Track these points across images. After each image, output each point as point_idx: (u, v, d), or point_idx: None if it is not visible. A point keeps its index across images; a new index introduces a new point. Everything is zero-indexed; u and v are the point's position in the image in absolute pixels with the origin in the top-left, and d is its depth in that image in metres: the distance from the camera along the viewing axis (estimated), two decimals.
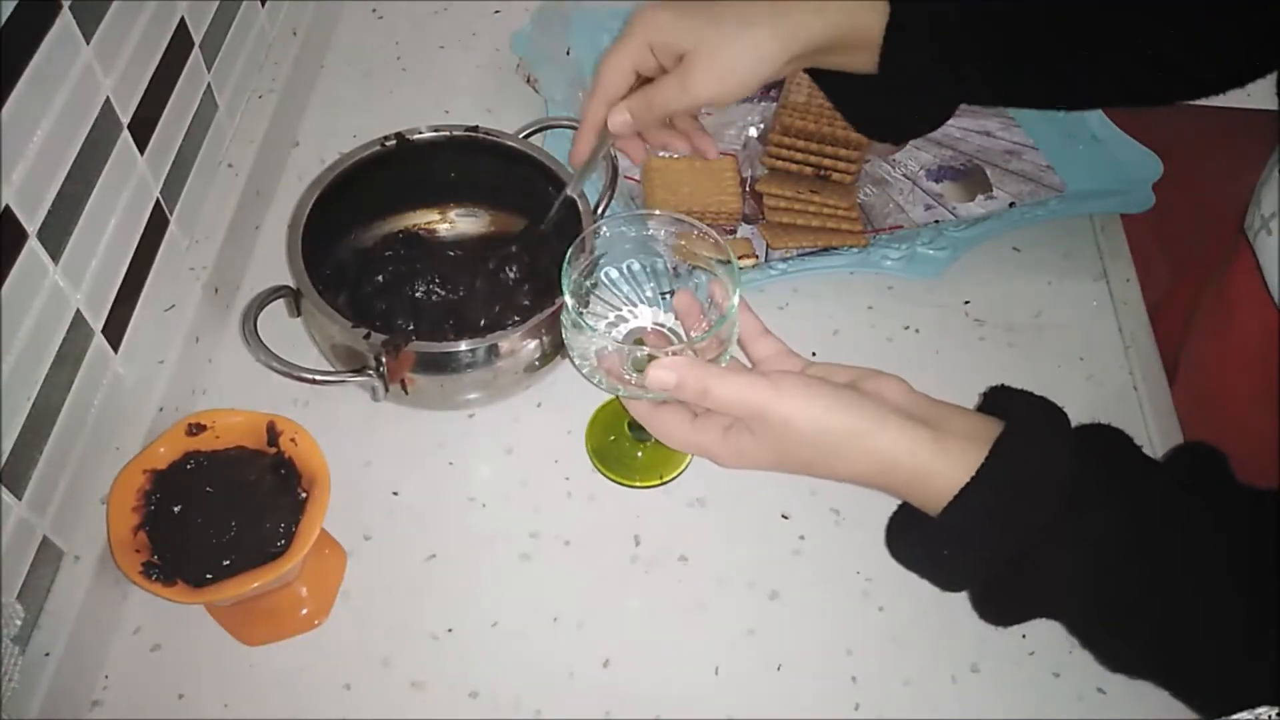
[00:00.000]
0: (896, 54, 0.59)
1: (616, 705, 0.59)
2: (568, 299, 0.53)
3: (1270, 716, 0.40)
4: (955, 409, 0.52)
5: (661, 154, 0.65)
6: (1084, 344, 0.75)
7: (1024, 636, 0.61)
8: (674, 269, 0.59)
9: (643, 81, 0.62)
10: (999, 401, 0.53)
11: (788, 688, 0.60)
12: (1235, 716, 0.40)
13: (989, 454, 0.48)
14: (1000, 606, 0.52)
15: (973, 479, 0.48)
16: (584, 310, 0.54)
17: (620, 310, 0.60)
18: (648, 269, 0.60)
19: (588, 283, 0.58)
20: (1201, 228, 0.92)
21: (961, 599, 0.55)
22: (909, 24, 0.58)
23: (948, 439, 0.49)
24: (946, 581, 0.53)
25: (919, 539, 0.51)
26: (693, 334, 0.58)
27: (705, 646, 0.61)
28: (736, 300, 0.53)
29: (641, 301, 0.60)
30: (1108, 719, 0.59)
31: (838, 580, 0.64)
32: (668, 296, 0.60)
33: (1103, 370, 0.74)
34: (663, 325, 0.59)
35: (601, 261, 0.58)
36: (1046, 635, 0.59)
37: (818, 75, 0.67)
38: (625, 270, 0.59)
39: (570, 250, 0.55)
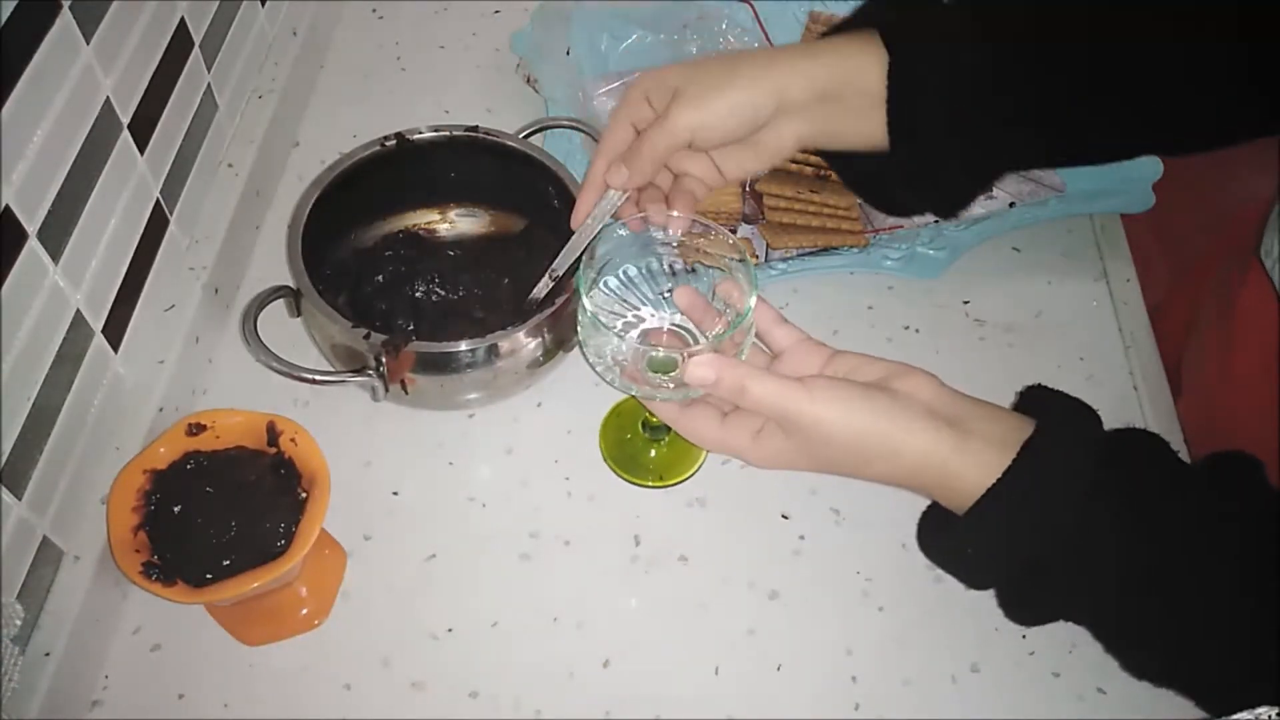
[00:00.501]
0: (902, 92, 0.56)
1: (616, 705, 0.59)
2: (585, 302, 0.53)
3: (1270, 716, 0.40)
4: (986, 408, 0.52)
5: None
6: (1084, 344, 0.75)
7: (1024, 637, 0.61)
8: (671, 267, 0.60)
9: None
10: (1035, 401, 0.53)
11: (788, 688, 0.60)
12: (1235, 717, 0.40)
13: (1014, 459, 0.48)
14: (1022, 607, 0.53)
15: (995, 484, 0.48)
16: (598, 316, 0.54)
17: (626, 316, 0.60)
18: (644, 270, 0.60)
19: (596, 288, 0.58)
20: (1201, 228, 0.91)
21: (961, 599, 0.56)
22: (912, 64, 0.56)
23: (972, 442, 0.49)
24: (970, 580, 0.54)
25: (945, 539, 0.52)
26: (708, 332, 0.58)
27: (705, 646, 0.61)
28: (754, 301, 0.53)
29: (646, 303, 0.60)
30: (1108, 719, 0.59)
31: (838, 580, 0.64)
32: (668, 295, 0.60)
33: (1103, 370, 0.74)
34: (675, 325, 0.60)
35: (605, 268, 0.58)
36: (1047, 635, 0.59)
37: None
38: (624, 275, 0.59)
39: (583, 257, 0.55)
